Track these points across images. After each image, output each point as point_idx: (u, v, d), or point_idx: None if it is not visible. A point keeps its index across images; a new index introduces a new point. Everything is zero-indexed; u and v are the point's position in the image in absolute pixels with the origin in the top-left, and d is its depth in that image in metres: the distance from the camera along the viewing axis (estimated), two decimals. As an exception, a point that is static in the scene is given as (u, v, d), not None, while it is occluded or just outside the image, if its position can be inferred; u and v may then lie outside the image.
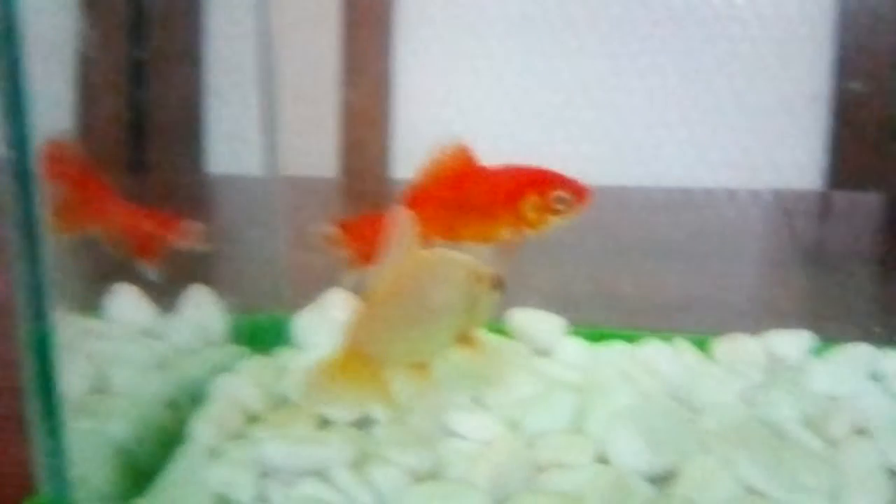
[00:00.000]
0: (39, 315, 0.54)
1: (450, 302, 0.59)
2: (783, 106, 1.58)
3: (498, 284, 0.61)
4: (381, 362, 0.58)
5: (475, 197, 0.70)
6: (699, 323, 0.98)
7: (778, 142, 1.59)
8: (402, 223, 0.59)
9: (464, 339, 0.61)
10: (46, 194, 0.54)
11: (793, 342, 0.75)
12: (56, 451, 0.56)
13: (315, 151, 1.62)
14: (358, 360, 0.57)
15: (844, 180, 1.57)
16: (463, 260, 0.61)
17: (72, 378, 0.67)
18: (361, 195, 1.59)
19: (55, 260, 0.54)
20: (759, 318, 0.84)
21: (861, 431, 0.65)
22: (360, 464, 0.60)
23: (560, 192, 0.69)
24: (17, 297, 0.54)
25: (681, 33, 1.59)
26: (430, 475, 0.61)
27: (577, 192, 0.69)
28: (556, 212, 0.69)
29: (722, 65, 1.59)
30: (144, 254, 0.76)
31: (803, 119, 1.58)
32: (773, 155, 1.60)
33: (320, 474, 0.59)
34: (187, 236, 0.77)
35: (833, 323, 0.94)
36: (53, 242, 0.59)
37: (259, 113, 0.84)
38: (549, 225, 0.69)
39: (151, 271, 0.75)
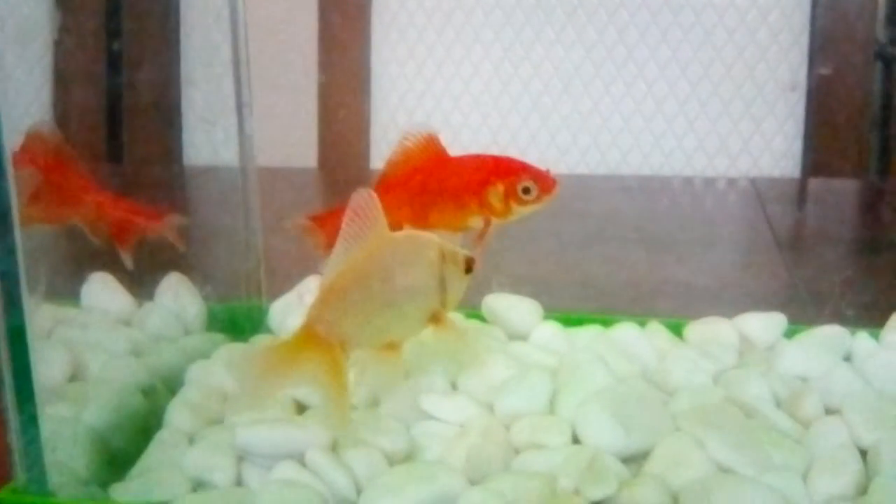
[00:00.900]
0: (14, 304, 0.54)
1: (419, 283, 0.60)
2: (760, 94, 1.60)
3: (469, 266, 0.61)
4: (344, 345, 0.58)
5: (442, 185, 0.70)
6: (675, 307, 0.99)
7: (755, 130, 1.60)
8: (365, 204, 0.59)
9: (435, 320, 0.61)
10: (21, 183, 0.55)
11: (765, 325, 0.76)
12: (33, 438, 0.56)
13: (294, 142, 1.62)
14: (314, 343, 0.57)
15: (821, 168, 1.58)
16: (433, 241, 0.61)
17: (49, 366, 0.68)
18: (340, 186, 1.60)
19: (32, 250, 0.55)
20: (734, 303, 0.85)
21: (832, 411, 0.66)
22: (336, 447, 0.60)
23: (525, 182, 0.69)
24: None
25: (658, 23, 1.59)
26: (405, 458, 0.61)
27: (543, 181, 0.70)
28: (521, 201, 0.69)
29: (699, 54, 1.60)
30: (123, 242, 0.76)
31: (780, 107, 1.60)
32: (750, 143, 1.61)
33: (297, 458, 0.59)
34: (168, 228, 0.78)
35: (806, 306, 0.96)
36: (30, 232, 0.59)
37: (236, 103, 0.84)
38: (515, 214, 0.70)
39: (128, 258, 0.76)
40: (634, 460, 0.61)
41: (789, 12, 1.57)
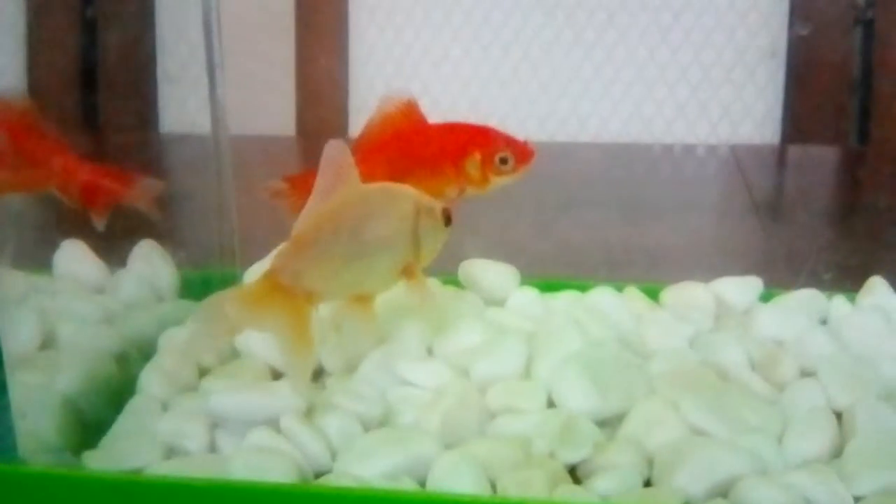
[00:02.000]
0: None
1: (390, 235, 0.59)
2: (740, 61, 1.59)
3: (448, 218, 0.61)
4: (310, 297, 0.57)
5: (420, 153, 0.70)
6: (652, 272, 0.99)
7: (735, 97, 1.60)
8: (337, 154, 0.58)
9: (408, 273, 0.60)
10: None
11: (741, 289, 0.76)
12: (3, 405, 0.56)
13: (272, 111, 1.61)
14: (277, 292, 0.56)
15: (801, 134, 1.58)
16: (408, 193, 0.60)
17: (20, 333, 0.67)
18: (318, 153, 1.58)
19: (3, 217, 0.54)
20: (712, 268, 0.85)
21: (807, 374, 0.66)
22: (310, 413, 0.60)
23: (503, 153, 0.69)
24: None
25: (637, -12, 1.59)
26: (381, 423, 0.61)
27: (521, 152, 0.70)
28: (498, 171, 0.70)
29: (679, 19, 1.59)
30: (95, 207, 0.76)
31: (760, 74, 1.59)
32: (730, 110, 1.61)
33: (271, 424, 0.59)
34: (144, 193, 0.77)
35: (784, 271, 0.96)
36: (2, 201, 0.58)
37: (211, 71, 0.83)
38: (492, 184, 0.70)
39: (101, 222, 0.75)
40: (610, 423, 0.61)
41: (770, -23, 1.57)
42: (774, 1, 1.57)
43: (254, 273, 0.77)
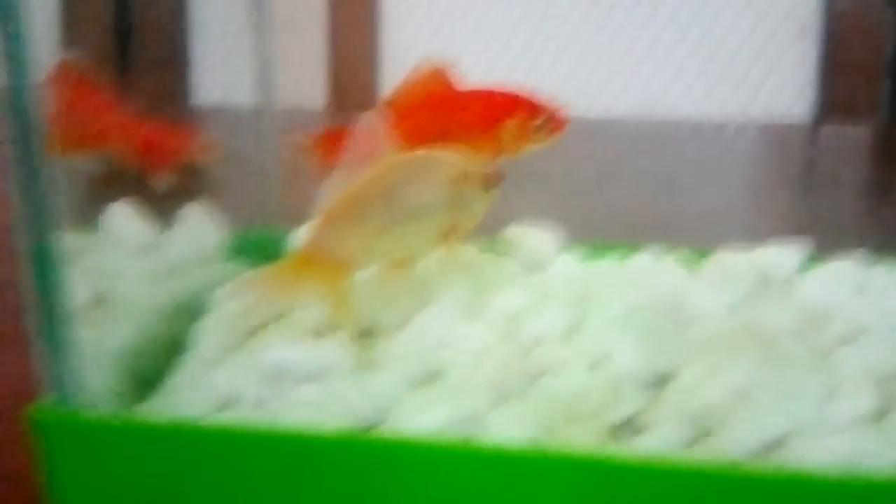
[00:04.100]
0: (41, 229, 0.55)
1: (426, 202, 0.59)
2: (773, 40, 1.59)
3: (491, 183, 0.61)
4: (348, 265, 0.58)
5: (453, 120, 0.70)
6: (693, 240, 0.99)
7: (767, 75, 1.60)
8: (370, 127, 0.58)
9: (448, 237, 0.61)
10: (48, 113, 0.55)
11: (784, 256, 0.76)
12: (60, 360, 0.57)
13: (304, 82, 1.62)
14: (313, 265, 0.58)
15: (833, 113, 1.58)
16: (449, 158, 0.61)
17: (73, 291, 0.68)
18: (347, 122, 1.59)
19: (56, 177, 0.55)
20: (751, 237, 0.85)
21: (848, 341, 0.67)
22: (359, 370, 0.61)
23: (539, 120, 0.69)
24: (18, 215, 0.54)
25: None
26: (426, 382, 0.62)
27: (555, 119, 0.70)
28: (533, 138, 0.70)
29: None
30: (160, 166, 0.77)
31: (793, 53, 1.59)
32: (762, 88, 1.60)
33: (320, 380, 0.60)
34: (201, 148, 0.79)
35: (823, 240, 0.96)
36: (56, 161, 0.59)
37: (247, 42, 0.84)
38: (526, 150, 0.70)
39: (163, 182, 0.77)
40: (653, 385, 0.62)
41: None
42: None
43: (299, 235, 0.78)
